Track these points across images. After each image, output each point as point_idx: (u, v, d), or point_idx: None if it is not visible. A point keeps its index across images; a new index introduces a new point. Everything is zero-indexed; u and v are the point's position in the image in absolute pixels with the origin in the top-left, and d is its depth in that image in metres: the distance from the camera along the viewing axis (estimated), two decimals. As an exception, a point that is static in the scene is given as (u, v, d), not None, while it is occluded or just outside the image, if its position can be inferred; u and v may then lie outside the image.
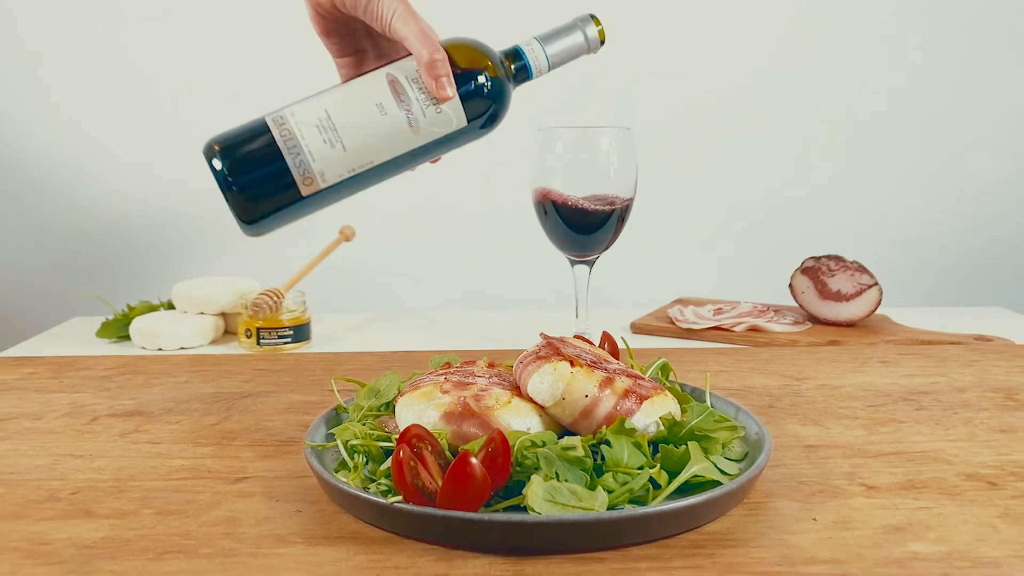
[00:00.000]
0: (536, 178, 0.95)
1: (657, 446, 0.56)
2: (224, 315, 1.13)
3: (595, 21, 0.75)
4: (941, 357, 0.94)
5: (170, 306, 1.17)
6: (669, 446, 0.55)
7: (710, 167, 1.53)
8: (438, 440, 0.54)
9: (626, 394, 0.57)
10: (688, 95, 1.50)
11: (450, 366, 0.67)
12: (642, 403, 0.57)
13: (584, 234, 0.94)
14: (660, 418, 0.58)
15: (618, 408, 0.57)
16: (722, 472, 0.55)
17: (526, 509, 0.50)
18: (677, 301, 1.28)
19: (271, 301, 1.04)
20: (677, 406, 0.61)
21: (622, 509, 0.50)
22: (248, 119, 0.70)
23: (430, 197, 1.45)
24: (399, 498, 0.51)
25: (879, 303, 1.09)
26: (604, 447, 0.54)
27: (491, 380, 0.62)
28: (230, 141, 0.69)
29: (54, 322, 1.30)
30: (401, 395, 0.62)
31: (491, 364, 0.67)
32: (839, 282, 1.12)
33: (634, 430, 0.56)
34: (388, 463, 0.54)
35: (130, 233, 1.49)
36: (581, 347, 0.66)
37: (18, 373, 0.91)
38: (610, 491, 0.51)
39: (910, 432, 0.70)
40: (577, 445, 0.53)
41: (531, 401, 0.59)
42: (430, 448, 0.53)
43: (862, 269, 1.11)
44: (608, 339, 0.74)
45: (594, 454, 0.55)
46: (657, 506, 0.50)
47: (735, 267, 1.55)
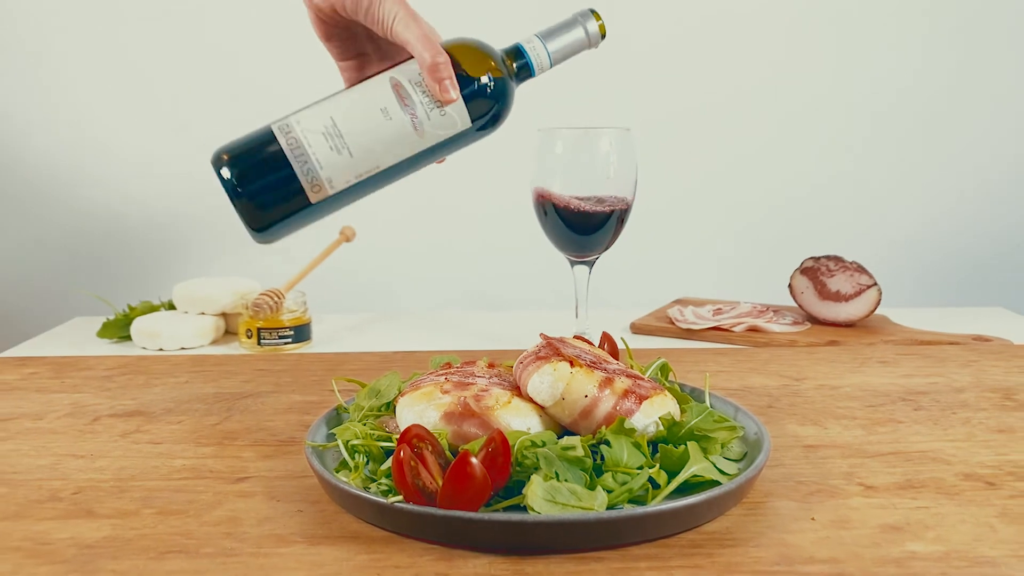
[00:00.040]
0: (536, 179, 0.95)
1: (656, 446, 0.56)
2: (225, 315, 1.13)
3: (595, 16, 0.75)
4: (940, 357, 0.94)
5: (171, 306, 1.17)
6: (668, 446, 0.55)
7: (710, 167, 1.53)
8: (438, 440, 0.55)
9: (625, 394, 0.58)
10: (688, 95, 1.50)
11: (450, 366, 0.68)
12: (641, 403, 0.57)
13: (584, 235, 0.95)
14: (659, 418, 0.58)
15: (618, 408, 0.57)
16: (721, 472, 0.55)
17: (526, 509, 0.50)
18: (677, 301, 1.28)
19: (272, 301, 1.05)
20: (676, 406, 0.61)
21: (621, 509, 0.50)
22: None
23: (430, 197, 1.45)
24: (400, 498, 0.51)
25: (878, 303, 1.09)
26: (604, 447, 0.54)
27: (491, 380, 0.62)
28: (237, 151, 0.69)
29: (55, 322, 1.30)
30: (402, 395, 0.62)
31: (491, 364, 0.67)
32: (838, 282, 1.12)
33: (633, 430, 0.56)
34: (389, 463, 0.54)
35: (131, 233, 1.49)
36: (581, 347, 0.66)
37: (20, 373, 0.91)
38: (609, 491, 0.52)
39: (908, 432, 0.70)
40: (577, 445, 0.53)
41: (531, 401, 0.59)
42: (430, 448, 0.54)
43: (861, 269, 1.11)
44: (608, 339, 0.75)
45: (594, 454, 0.55)
46: (656, 506, 0.50)
47: (735, 267, 1.55)
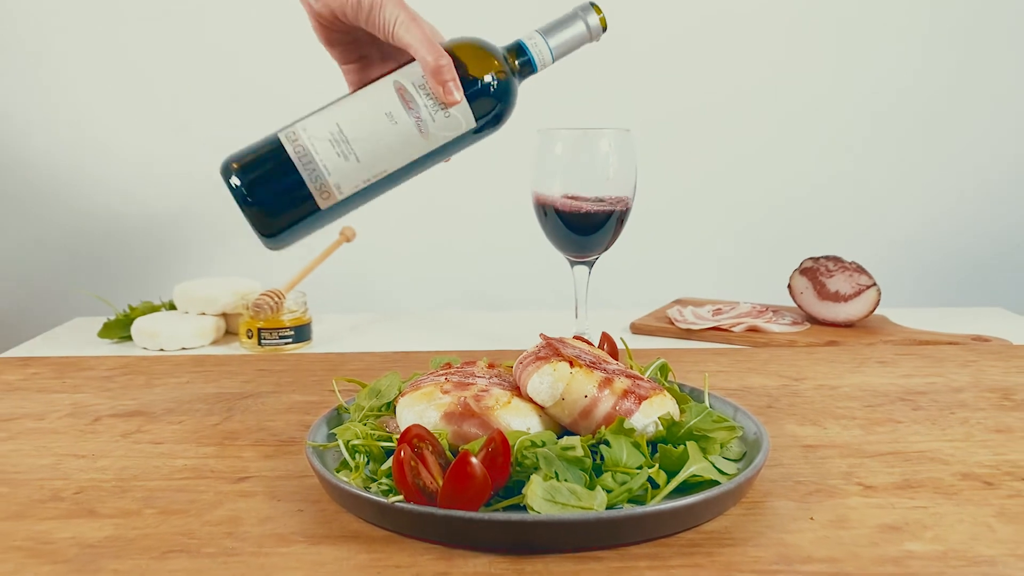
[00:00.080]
0: (536, 179, 0.95)
1: (656, 446, 0.56)
2: (225, 315, 1.13)
3: (596, 9, 0.75)
4: (938, 358, 0.94)
5: (171, 307, 1.17)
6: (668, 446, 0.55)
7: (709, 167, 1.53)
8: (439, 440, 0.55)
9: (625, 394, 0.58)
10: (688, 95, 1.50)
11: (450, 366, 0.68)
12: (641, 403, 0.58)
13: (583, 235, 0.95)
14: (659, 418, 0.58)
15: (617, 408, 0.57)
16: (720, 472, 0.56)
17: (526, 508, 0.50)
18: (676, 302, 1.28)
19: (272, 302, 1.05)
20: (676, 406, 0.61)
21: (621, 508, 0.50)
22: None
23: (430, 197, 1.45)
24: (400, 497, 0.51)
25: (877, 304, 1.09)
26: (603, 447, 0.55)
27: (491, 380, 0.63)
28: (246, 160, 0.69)
29: (55, 323, 1.30)
30: (402, 395, 0.62)
31: (491, 365, 0.68)
32: (837, 283, 1.12)
33: (633, 430, 0.57)
34: (389, 463, 0.54)
35: (131, 233, 1.49)
36: (580, 348, 0.66)
37: (21, 373, 0.91)
38: (609, 491, 0.52)
39: (907, 432, 0.70)
40: (576, 445, 0.53)
41: (531, 401, 0.59)
42: (431, 448, 0.54)
43: (860, 270, 1.11)
44: (607, 339, 0.75)
45: (593, 454, 0.55)
46: (656, 505, 0.50)
47: (734, 268, 1.55)
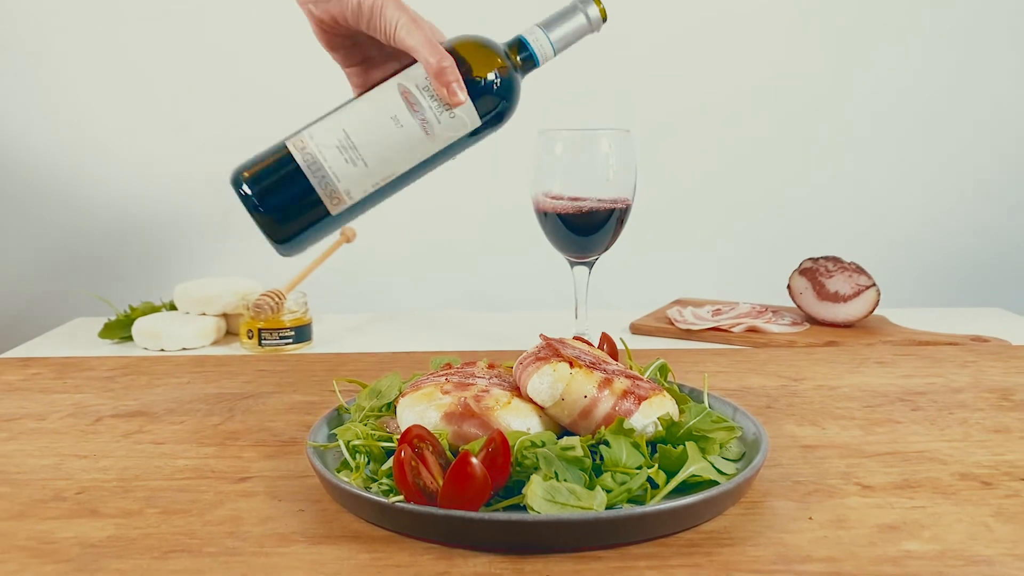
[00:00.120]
0: (536, 180, 0.96)
1: (655, 446, 0.57)
2: (226, 316, 1.13)
3: (595, 0, 0.75)
4: (937, 358, 0.95)
5: (172, 307, 1.17)
6: (667, 446, 0.55)
7: (709, 168, 1.53)
8: (439, 440, 0.55)
9: (625, 395, 0.58)
10: (688, 95, 1.50)
11: (451, 367, 0.68)
12: (640, 403, 0.58)
13: (583, 235, 0.95)
14: (658, 418, 0.58)
15: (617, 408, 0.57)
16: (719, 472, 0.56)
17: (526, 508, 0.50)
18: (676, 302, 1.29)
19: (272, 302, 1.05)
20: (675, 406, 0.61)
21: (620, 508, 0.51)
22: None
23: (430, 198, 1.45)
24: (400, 498, 0.51)
25: (877, 304, 1.09)
26: (603, 447, 0.55)
27: (491, 381, 0.63)
28: (256, 169, 0.70)
29: (56, 323, 1.31)
30: (402, 396, 0.62)
31: (491, 365, 0.68)
32: (837, 283, 1.12)
33: (632, 430, 0.57)
34: (389, 463, 0.55)
35: (131, 233, 1.50)
36: (580, 348, 0.66)
37: (22, 374, 0.92)
38: (609, 490, 0.52)
39: (906, 432, 0.70)
40: (576, 445, 0.53)
41: (531, 402, 0.59)
42: (431, 448, 0.54)
43: (860, 270, 1.11)
44: (607, 340, 0.75)
45: (593, 454, 0.55)
46: (655, 505, 0.50)
47: (734, 268, 1.55)
